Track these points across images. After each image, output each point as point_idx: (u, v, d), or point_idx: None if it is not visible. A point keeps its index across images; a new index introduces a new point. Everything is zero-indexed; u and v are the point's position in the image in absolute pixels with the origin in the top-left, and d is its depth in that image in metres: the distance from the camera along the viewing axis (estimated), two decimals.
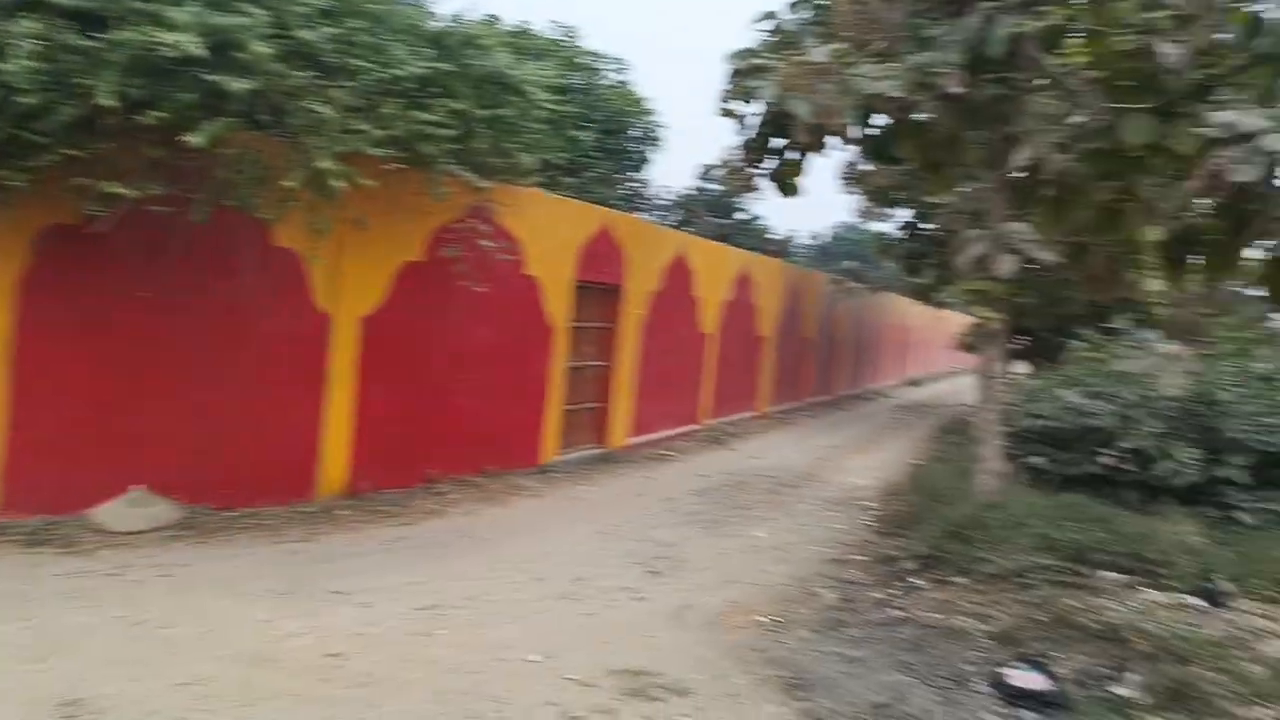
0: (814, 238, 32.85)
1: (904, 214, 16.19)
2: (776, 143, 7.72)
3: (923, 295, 20.06)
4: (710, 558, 7.02)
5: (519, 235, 8.81)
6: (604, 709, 4.19)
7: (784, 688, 4.62)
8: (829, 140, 7.13)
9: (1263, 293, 6.63)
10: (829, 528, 8.40)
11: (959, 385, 25.07)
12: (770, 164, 8.07)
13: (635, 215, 15.67)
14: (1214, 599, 5.32)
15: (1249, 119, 4.81)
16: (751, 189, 9.89)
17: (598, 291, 10.44)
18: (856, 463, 12.44)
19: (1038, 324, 14.26)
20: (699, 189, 23.01)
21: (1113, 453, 7.77)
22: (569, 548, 6.93)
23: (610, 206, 12.58)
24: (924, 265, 16.17)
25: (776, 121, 6.86)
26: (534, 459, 9.48)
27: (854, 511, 9.18)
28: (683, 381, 12.96)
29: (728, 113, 7.37)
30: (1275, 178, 5.11)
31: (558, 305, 9.62)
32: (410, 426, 7.99)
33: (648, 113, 16.64)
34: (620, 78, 16.31)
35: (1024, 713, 4.43)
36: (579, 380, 10.32)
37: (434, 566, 6.12)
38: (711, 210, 22.45)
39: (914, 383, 27.60)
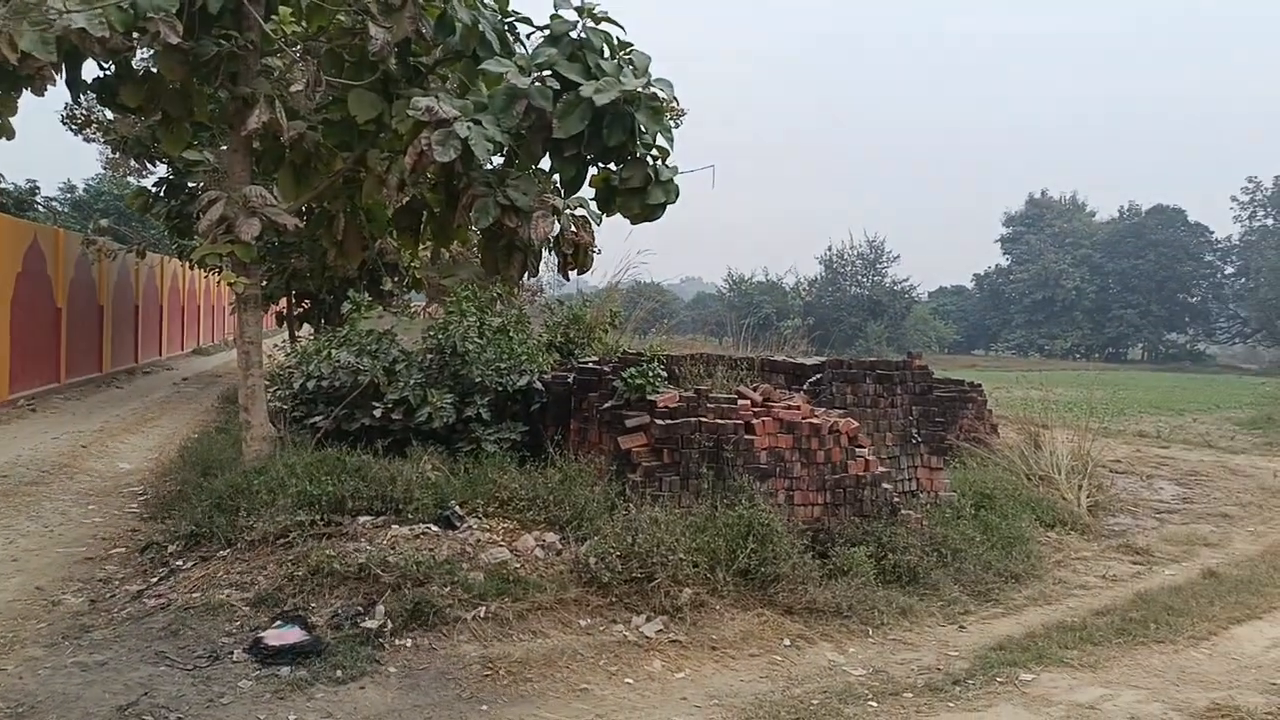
0: (67, 190, 28.00)
1: (165, 170, 14.93)
2: None
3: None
4: None
5: None
6: None
7: None
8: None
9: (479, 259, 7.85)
10: (84, 523, 7.42)
11: None
12: None
13: None
14: (449, 523, 6.14)
15: (445, 106, 5.53)
16: None
17: None
18: (127, 445, 11.20)
19: (316, 287, 14.61)
20: None
21: (382, 404, 8.35)
22: None
23: None
24: (191, 227, 15.12)
25: None
26: None
27: (119, 500, 8.27)
28: None
29: None
30: (473, 161, 5.99)
31: None
32: None
33: None
34: None
35: (281, 669, 4.54)
36: None
37: None
38: None
39: (202, 352, 25.98)
